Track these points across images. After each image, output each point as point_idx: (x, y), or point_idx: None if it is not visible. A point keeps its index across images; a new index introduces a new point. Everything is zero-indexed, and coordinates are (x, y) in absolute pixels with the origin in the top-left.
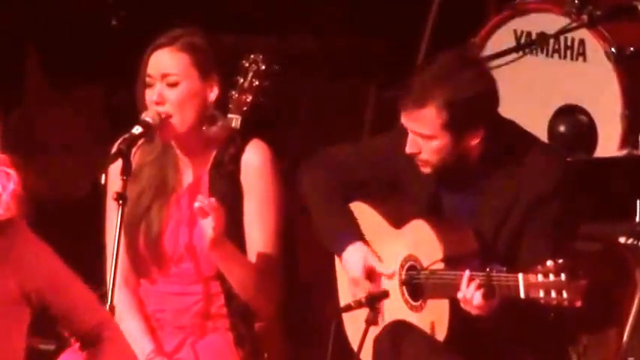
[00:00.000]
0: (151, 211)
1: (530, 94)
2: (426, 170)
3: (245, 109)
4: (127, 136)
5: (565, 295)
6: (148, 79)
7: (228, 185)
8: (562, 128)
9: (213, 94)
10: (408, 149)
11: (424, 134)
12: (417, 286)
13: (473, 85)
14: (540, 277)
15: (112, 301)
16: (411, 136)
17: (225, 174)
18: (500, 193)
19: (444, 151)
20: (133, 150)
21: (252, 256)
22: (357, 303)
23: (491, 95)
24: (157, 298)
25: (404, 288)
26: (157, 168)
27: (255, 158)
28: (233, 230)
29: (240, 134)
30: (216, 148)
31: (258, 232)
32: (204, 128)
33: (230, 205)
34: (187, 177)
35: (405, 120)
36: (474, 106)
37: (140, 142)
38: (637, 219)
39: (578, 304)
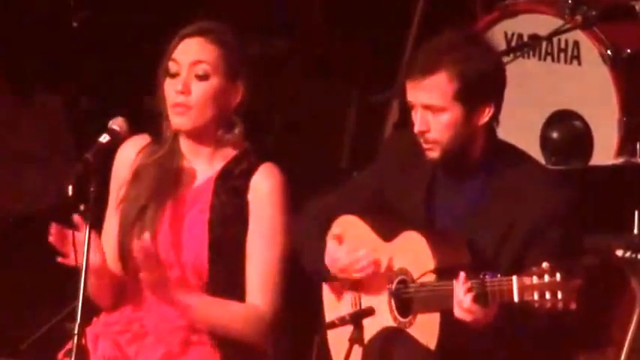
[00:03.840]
0: (146, 212)
1: (521, 99)
2: (433, 155)
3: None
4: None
5: (560, 296)
6: (173, 66)
7: (233, 198)
8: (555, 135)
9: (236, 98)
10: (417, 128)
11: (434, 106)
12: (406, 301)
13: (483, 57)
14: (535, 279)
15: (81, 319)
16: (419, 113)
17: (233, 187)
18: (496, 216)
19: (453, 127)
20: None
21: (250, 288)
22: (341, 320)
23: (501, 71)
24: (143, 306)
25: (393, 303)
26: (158, 169)
27: (267, 183)
28: (232, 247)
29: (255, 152)
30: (226, 159)
31: (260, 271)
32: (219, 133)
33: (231, 219)
34: (189, 181)
35: (412, 92)
36: (485, 79)
37: (146, 143)
38: (635, 231)
39: (573, 305)
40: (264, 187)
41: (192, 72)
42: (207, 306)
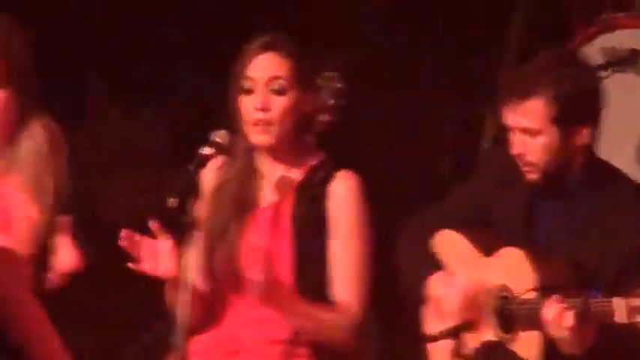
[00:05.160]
0: (229, 229)
1: (619, 113)
2: (532, 177)
3: (321, 129)
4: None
5: None
6: (248, 84)
7: (312, 208)
8: None
9: (309, 107)
10: (514, 150)
11: (531, 129)
12: (508, 318)
13: (580, 78)
14: None
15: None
16: (516, 136)
17: (312, 197)
18: (596, 236)
19: (550, 150)
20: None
21: (337, 292)
22: (442, 333)
23: (598, 91)
24: (236, 323)
25: (494, 319)
26: (237, 184)
27: (344, 188)
28: (316, 256)
29: (332, 161)
30: (304, 170)
31: (344, 272)
32: (296, 145)
33: (313, 228)
34: (268, 195)
35: (509, 116)
36: (582, 100)
37: (218, 160)
38: None
39: None
40: (342, 191)
41: (268, 88)
42: (305, 311)
